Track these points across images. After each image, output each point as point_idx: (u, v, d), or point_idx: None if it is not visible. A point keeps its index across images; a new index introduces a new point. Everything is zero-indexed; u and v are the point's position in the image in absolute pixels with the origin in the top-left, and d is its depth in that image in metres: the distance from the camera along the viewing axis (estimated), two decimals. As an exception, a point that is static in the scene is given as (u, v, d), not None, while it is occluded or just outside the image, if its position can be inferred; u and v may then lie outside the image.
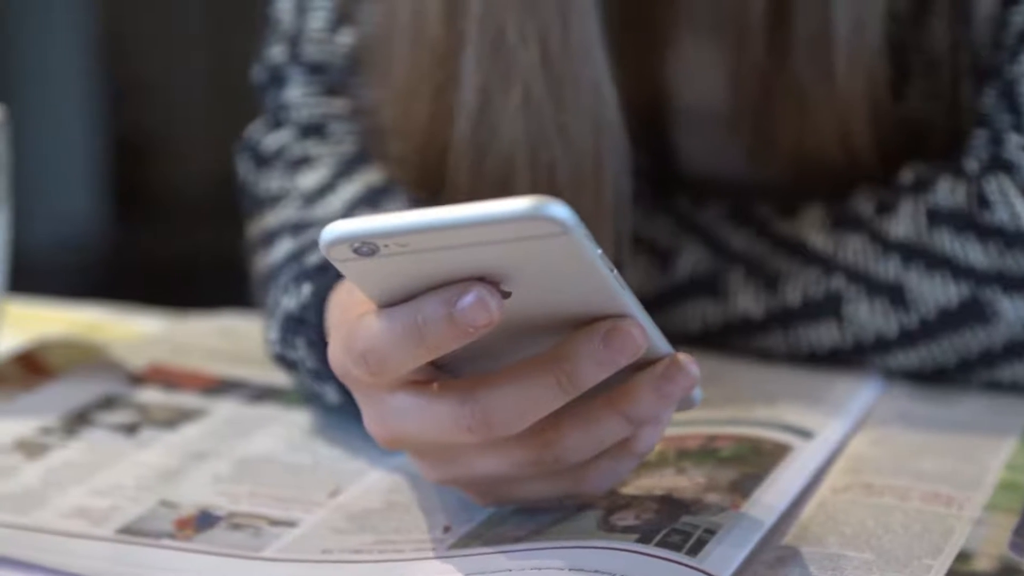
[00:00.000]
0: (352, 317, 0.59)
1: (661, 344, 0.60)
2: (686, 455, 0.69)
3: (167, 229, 2.99)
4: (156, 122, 3.08)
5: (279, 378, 0.81)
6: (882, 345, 0.79)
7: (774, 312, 0.81)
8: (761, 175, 0.85)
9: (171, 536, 0.65)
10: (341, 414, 0.76)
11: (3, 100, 0.85)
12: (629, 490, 0.66)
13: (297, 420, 0.77)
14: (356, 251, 0.55)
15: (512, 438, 0.59)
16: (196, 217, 2.97)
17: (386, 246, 0.54)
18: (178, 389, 0.81)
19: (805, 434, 0.72)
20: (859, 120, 0.81)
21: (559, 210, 0.53)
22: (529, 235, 0.54)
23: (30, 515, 0.67)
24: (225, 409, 0.79)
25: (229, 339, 0.89)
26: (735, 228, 0.83)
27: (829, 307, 0.80)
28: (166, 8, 3.06)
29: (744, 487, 0.66)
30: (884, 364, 0.80)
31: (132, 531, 0.66)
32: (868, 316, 0.79)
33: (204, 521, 0.66)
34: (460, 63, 0.77)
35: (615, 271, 0.57)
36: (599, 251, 0.55)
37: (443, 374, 0.60)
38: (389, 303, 0.57)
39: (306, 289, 0.74)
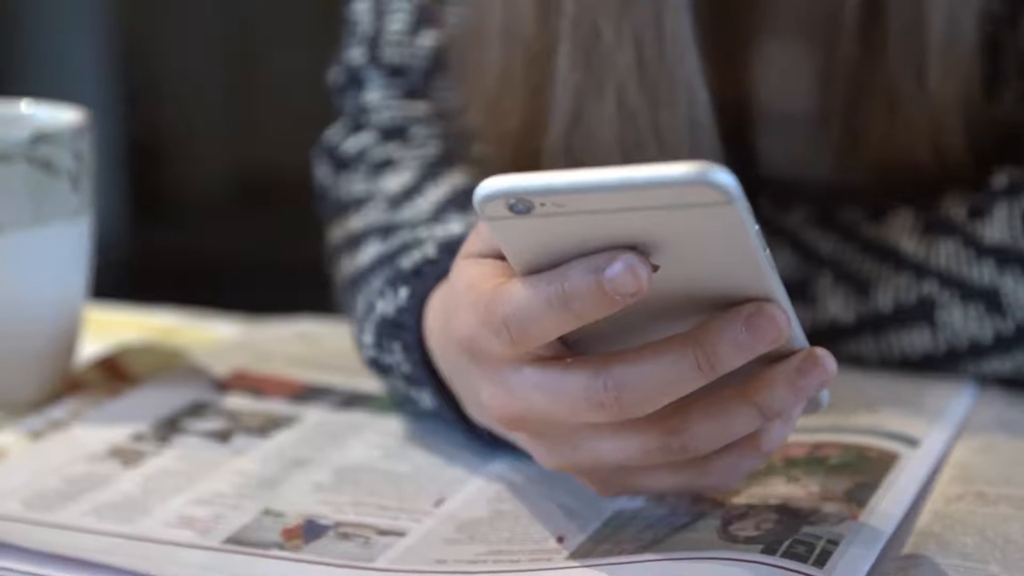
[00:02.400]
0: (487, 288, 0.58)
1: (799, 335, 0.59)
2: (794, 463, 0.68)
3: (184, 230, 2.98)
4: (173, 123, 3.07)
5: (365, 384, 0.80)
6: (976, 351, 0.78)
7: (864, 318, 0.80)
8: (847, 177, 0.84)
9: (280, 546, 0.64)
10: (433, 420, 0.75)
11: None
12: (743, 499, 0.65)
13: (390, 427, 0.76)
14: (511, 208, 0.53)
15: (639, 422, 0.58)
16: (214, 218, 2.96)
17: (542, 204, 0.53)
18: (265, 396, 0.80)
19: (910, 442, 0.71)
20: (951, 120, 0.80)
21: (725, 178, 0.52)
22: (690, 202, 0.52)
23: (135, 524, 0.66)
24: (314, 416, 0.78)
25: (309, 344, 0.88)
26: (822, 232, 0.82)
27: (922, 313, 0.79)
28: (183, 9, 3.05)
29: (859, 496, 0.65)
30: (978, 370, 0.79)
31: (240, 541, 0.65)
32: (962, 322, 0.78)
33: (311, 531, 0.65)
34: (553, 65, 0.76)
35: (767, 251, 0.56)
36: (756, 227, 0.54)
37: (571, 351, 0.59)
38: (531, 270, 0.56)
39: (403, 293, 0.73)
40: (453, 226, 0.78)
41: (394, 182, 0.84)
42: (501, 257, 0.59)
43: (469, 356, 0.61)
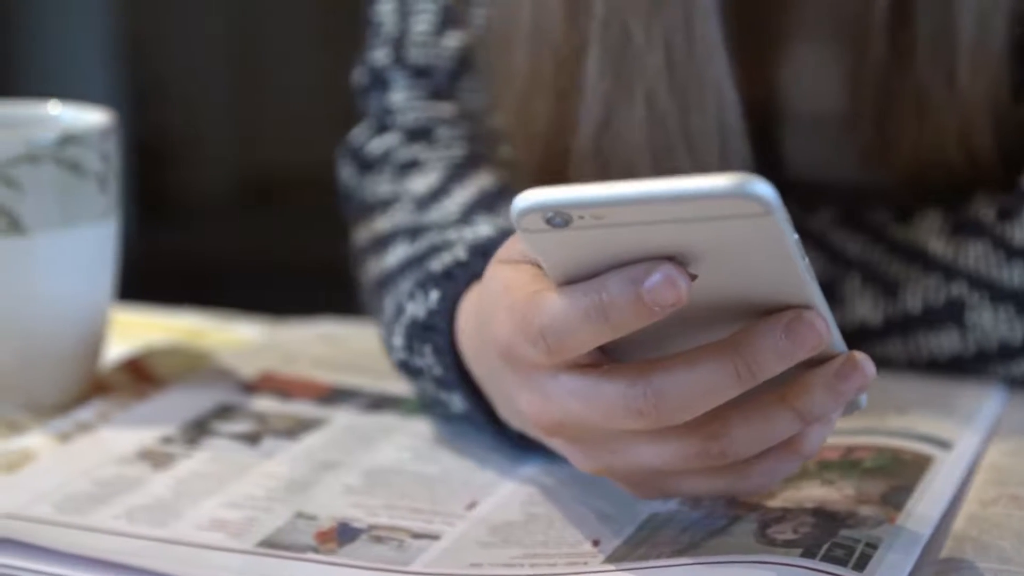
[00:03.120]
0: (522, 296, 0.58)
1: (838, 340, 0.59)
2: (828, 466, 0.68)
3: (189, 231, 2.98)
4: (179, 125, 3.07)
5: (393, 386, 0.80)
6: (1006, 353, 0.78)
7: (893, 319, 0.80)
8: (875, 179, 0.84)
9: (314, 550, 0.64)
10: (463, 423, 0.75)
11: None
12: (779, 502, 0.65)
13: (419, 429, 0.76)
14: (548, 221, 0.53)
15: (678, 428, 0.58)
16: (219, 219, 2.96)
17: (581, 217, 0.53)
18: (292, 398, 0.80)
19: (943, 444, 0.71)
20: (980, 122, 0.80)
21: (764, 189, 0.51)
22: (728, 214, 0.52)
23: (168, 527, 0.66)
24: (343, 418, 0.78)
25: (334, 346, 0.88)
26: (849, 234, 0.82)
27: (951, 314, 0.79)
28: (189, 10, 3.05)
29: (895, 499, 0.65)
30: (1008, 372, 0.79)
31: (273, 544, 0.64)
32: (992, 324, 0.78)
33: (345, 534, 0.65)
34: (583, 67, 0.76)
35: (806, 259, 0.55)
36: (795, 236, 0.54)
37: (608, 359, 0.59)
38: (568, 280, 0.56)
39: (433, 295, 0.72)
40: (482, 228, 0.78)
41: (420, 183, 0.83)
42: (537, 263, 0.59)
43: (505, 361, 0.61)
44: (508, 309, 0.59)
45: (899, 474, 0.67)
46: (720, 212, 0.52)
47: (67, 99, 0.83)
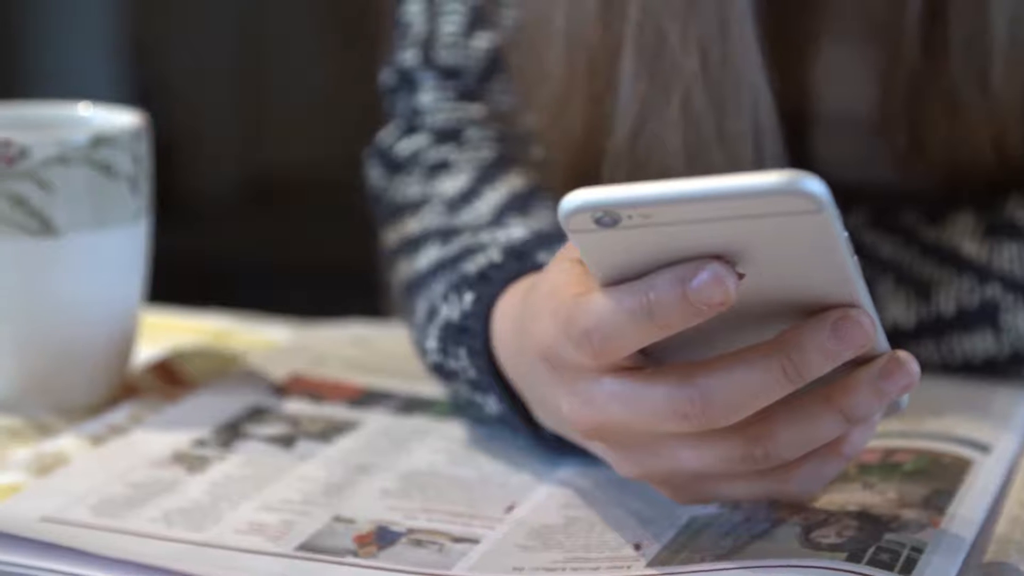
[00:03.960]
0: (567, 298, 0.57)
1: (882, 340, 0.58)
2: (868, 470, 0.68)
3: (192, 231, 2.97)
4: (184, 124, 3.06)
5: (424, 388, 0.80)
6: (1041, 355, 0.78)
7: (926, 321, 0.80)
8: (906, 180, 0.83)
9: (354, 553, 0.63)
10: (496, 425, 0.74)
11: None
12: (822, 505, 0.64)
13: (452, 432, 0.76)
14: (597, 221, 0.53)
15: (721, 431, 0.58)
16: (221, 219, 2.95)
17: (629, 217, 0.52)
18: (324, 400, 0.80)
19: (982, 447, 0.71)
20: (1013, 123, 0.79)
21: (816, 186, 0.51)
22: (780, 211, 0.52)
23: (206, 531, 0.65)
24: (375, 421, 0.77)
25: (364, 348, 0.87)
26: (881, 235, 0.81)
27: (985, 316, 0.78)
28: (192, 11, 3.04)
29: (937, 503, 0.64)
30: (1042, 374, 0.79)
31: (312, 548, 0.64)
32: (1026, 325, 0.78)
33: (384, 537, 0.65)
34: (618, 70, 0.76)
35: (855, 257, 0.55)
36: (845, 233, 0.54)
37: (649, 361, 0.59)
38: (613, 281, 0.56)
39: (468, 297, 0.72)
40: (515, 230, 0.78)
41: (450, 185, 0.83)
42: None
43: (547, 364, 0.61)
44: (552, 312, 0.59)
45: (939, 477, 0.67)
46: (770, 209, 0.52)
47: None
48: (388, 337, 0.88)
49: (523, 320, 0.65)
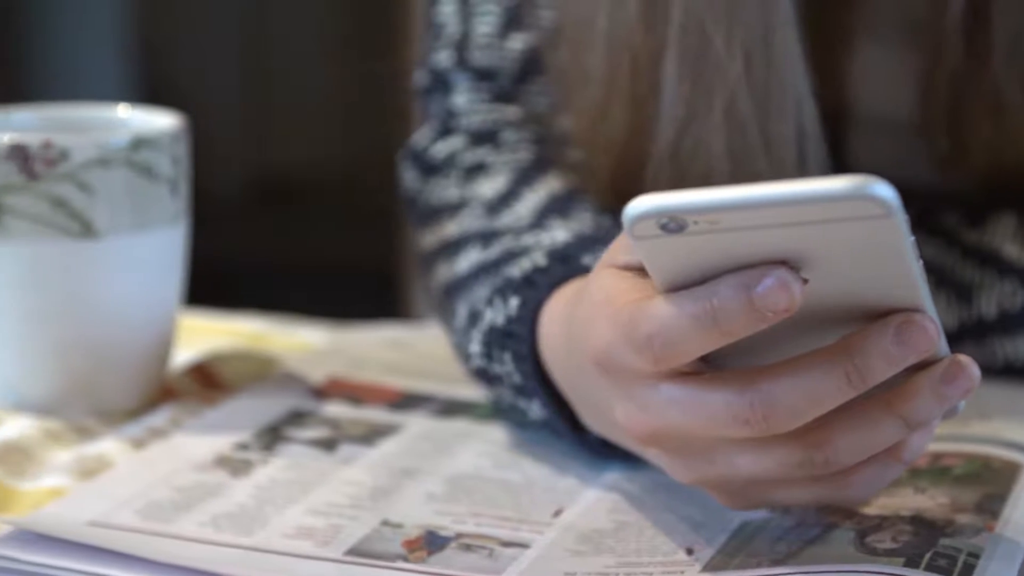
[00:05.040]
0: (626, 303, 0.57)
1: (943, 344, 0.58)
2: (919, 474, 0.68)
3: (198, 232, 2.97)
4: (189, 125, 3.06)
5: (464, 391, 0.80)
6: (1084, 358, 0.78)
7: (967, 324, 0.79)
8: (947, 182, 0.83)
9: (404, 558, 0.63)
10: (538, 428, 0.74)
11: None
12: (874, 510, 0.64)
13: (495, 436, 0.75)
14: (663, 227, 0.52)
15: (781, 437, 0.57)
16: (230, 219, 2.95)
17: (695, 223, 0.52)
18: (364, 403, 0.79)
19: (1030, 451, 0.70)
20: None
21: (885, 191, 0.51)
22: (847, 216, 0.51)
23: (254, 535, 0.65)
24: (416, 424, 0.77)
25: (401, 351, 0.87)
26: (921, 238, 0.81)
27: (1027, 319, 0.78)
28: (199, 11, 3.04)
29: (991, 507, 0.64)
30: (1085, 378, 0.78)
31: (361, 552, 0.64)
32: (1069, 329, 0.77)
33: (433, 542, 0.64)
34: (661, 73, 0.75)
35: (920, 262, 0.55)
36: (912, 238, 0.53)
37: (708, 367, 0.59)
38: (674, 287, 0.55)
39: (513, 302, 0.72)
40: (558, 233, 0.77)
41: (488, 187, 0.82)
42: (643, 270, 0.58)
43: (602, 370, 0.60)
44: (610, 317, 0.58)
45: (991, 481, 0.67)
46: (838, 214, 0.52)
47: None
48: (425, 339, 0.88)
49: (573, 325, 0.65)
